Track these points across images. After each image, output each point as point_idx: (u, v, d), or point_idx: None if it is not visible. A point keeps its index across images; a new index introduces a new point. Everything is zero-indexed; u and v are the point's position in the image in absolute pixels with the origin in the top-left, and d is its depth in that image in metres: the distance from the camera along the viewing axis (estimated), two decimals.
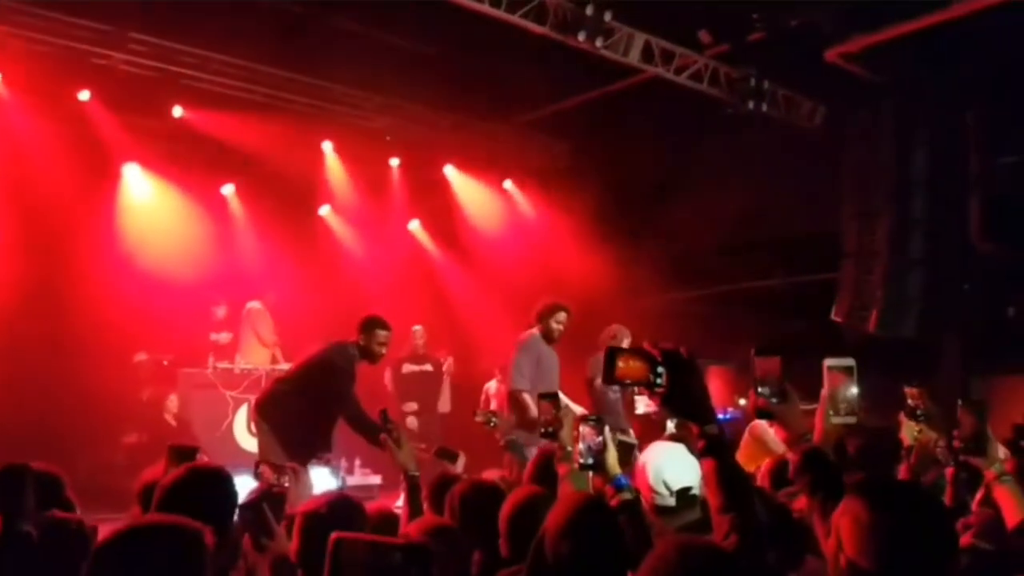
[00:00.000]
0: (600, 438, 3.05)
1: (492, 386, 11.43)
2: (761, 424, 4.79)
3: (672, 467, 3.33)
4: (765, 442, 4.74)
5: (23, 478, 2.90)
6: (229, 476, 2.99)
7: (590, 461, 3.03)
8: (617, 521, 2.60)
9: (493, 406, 11.34)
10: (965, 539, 3.08)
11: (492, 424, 6.44)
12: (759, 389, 2.86)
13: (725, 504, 2.03)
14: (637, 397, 7.87)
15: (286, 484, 4.04)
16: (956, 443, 3.20)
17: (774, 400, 2.86)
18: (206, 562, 2.08)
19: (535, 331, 7.34)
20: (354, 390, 6.38)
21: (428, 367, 10.97)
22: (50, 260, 9.63)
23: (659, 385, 2.07)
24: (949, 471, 3.89)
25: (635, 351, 2.11)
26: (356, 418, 6.34)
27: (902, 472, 4.53)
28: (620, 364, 2.09)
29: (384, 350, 6.56)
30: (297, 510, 2.99)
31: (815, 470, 2.66)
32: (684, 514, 3.26)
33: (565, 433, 3.30)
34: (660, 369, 2.06)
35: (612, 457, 3.04)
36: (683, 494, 3.30)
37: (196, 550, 2.08)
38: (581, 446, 3.07)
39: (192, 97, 10.04)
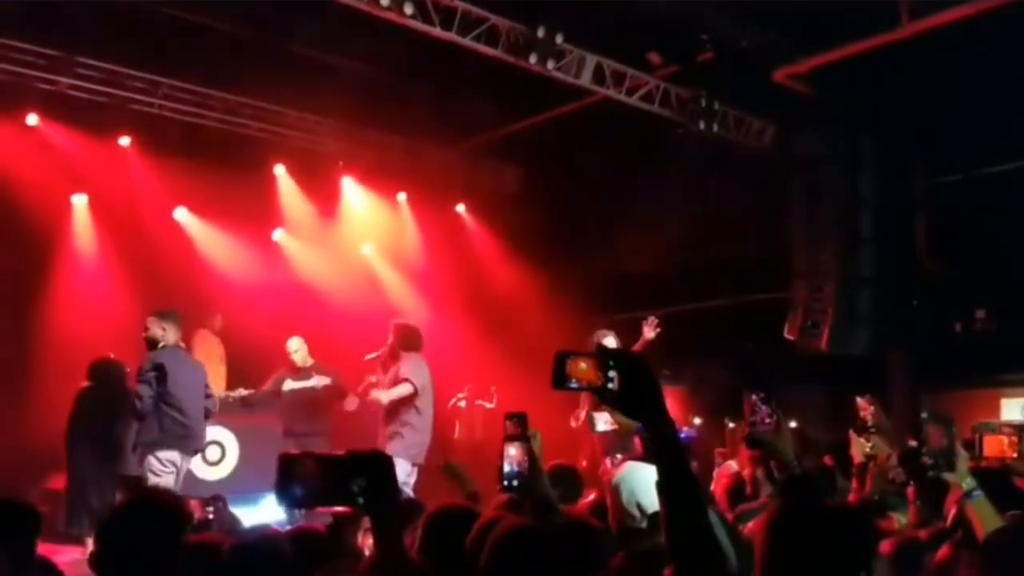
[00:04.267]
0: (527, 460, 2.97)
1: (462, 405, 11.49)
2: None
3: (647, 490, 3.12)
4: None
5: None
6: (171, 505, 2.92)
7: (515, 484, 2.93)
8: (549, 550, 2.52)
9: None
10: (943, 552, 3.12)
11: None
12: (754, 419, 2.85)
13: (673, 512, 1.95)
14: (596, 414, 7.92)
15: (210, 516, 4.03)
16: (925, 459, 3.23)
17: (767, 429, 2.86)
18: None
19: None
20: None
21: (313, 382, 9.02)
22: (2, 290, 9.48)
23: (610, 389, 1.97)
24: (910, 491, 3.91)
25: (585, 354, 2.00)
26: None
27: (854, 490, 4.59)
28: (569, 367, 1.99)
29: None
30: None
31: (798, 495, 2.67)
32: (653, 537, 3.14)
33: None
34: (612, 373, 1.97)
35: (543, 480, 2.96)
36: (655, 517, 3.03)
37: None
38: (507, 468, 2.97)
39: (142, 121, 9.93)
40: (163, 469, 6.96)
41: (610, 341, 7.90)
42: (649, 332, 8.10)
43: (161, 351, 7.17)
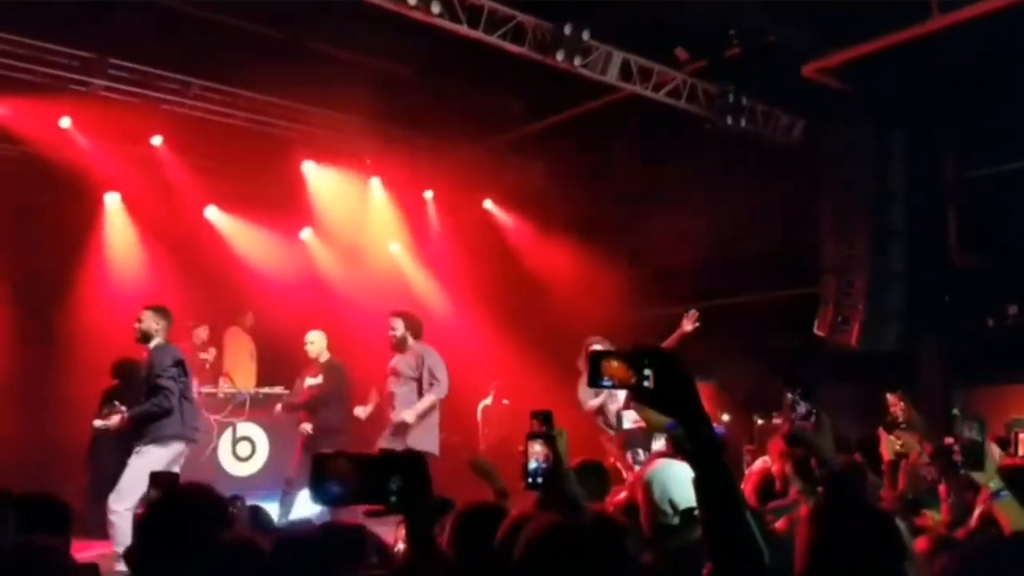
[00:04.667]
0: (550, 457, 2.96)
1: (489, 403, 11.52)
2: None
3: (679, 486, 3.19)
4: None
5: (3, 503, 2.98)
6: (210, 501, 2.92)
7: (539, 481, 2.92)
8: (580, 548, 2.50)
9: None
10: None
11: None
12: (793, 417, 2.85)
13: (711, 509, 1.95)
14: (624, 412, 7.92)
15: (234, 511, 4.06)
16: (957, 457, 3.24)
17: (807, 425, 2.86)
18: None
19: None
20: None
21: (319, 380, 8.65)
22: (35, 289, 9.63)
23: (645, 387, 1.97)
24: (942, 488, 3.90)
25: (620, 353, 2.02)
26: None
27: (886, 487, 4.57)
28: (605, 366, 2.00)
29: None
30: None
31: (837, 493, 2.67)
32: (685, 533, 3.14)
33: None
34: (647, 371, 1.97)
35: (569, 478, 2.94)
36: (687, 513, 3.16)
37: None
38: (531, 465, 2.96)
39: (173, 122, 10.03)
40: (173, 463, 6.95)
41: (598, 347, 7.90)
42: (688, 325, 8.10)
43: (169, 347, 7.19)
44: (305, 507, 7.82)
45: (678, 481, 3.18)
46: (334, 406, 8.57)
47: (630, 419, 7.87)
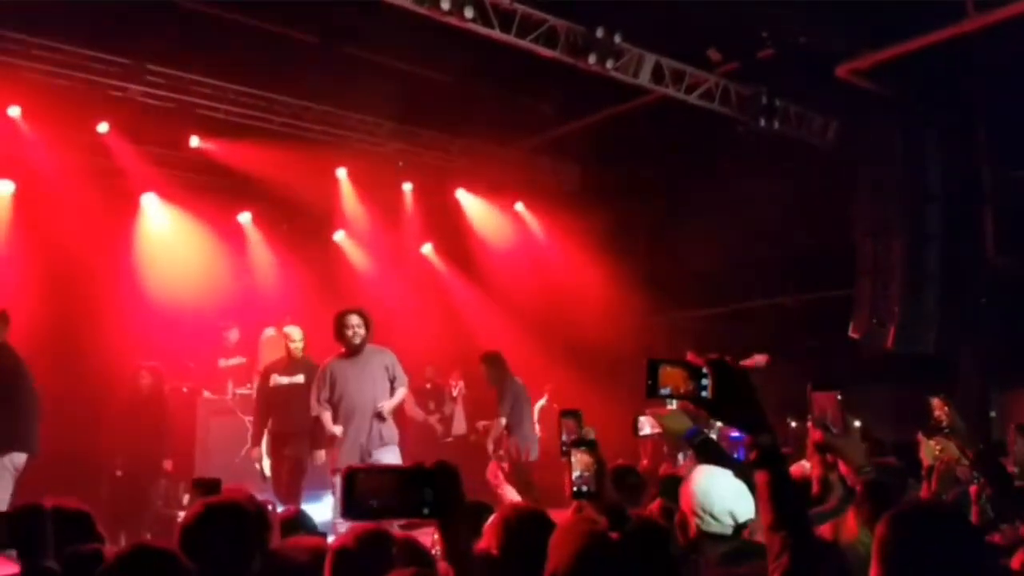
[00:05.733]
0: (594, 465, 2.92)
1: (544, 404, 11.46)
2: None
3: (737, 496, 3.12)
4: None
5: (39, 516, 2.97)
6: (246, 509, 2.87)
7: (584, 489, 2.89)
8: (624, 555, 2.39)
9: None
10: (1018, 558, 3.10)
11: None
12: (818, 423, 2.81)
13: (778, 520, 1.92)
14: (641, 419, 7.87)
15: None
16: (1012, 468, 3.21)
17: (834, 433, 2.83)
18: None
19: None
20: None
21: (300, 379, 8.28)
22: (70, 289, 9.71)
23: (704, 397, 1.95)
24: (973, 489, 3.89)
25: (676, 362, 1.97)
26: None
27: (923, 492, 4.53)
28: (662, 374, 1.95)
29: None
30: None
31: (877, 500, 2.64)
32: (730, 541, 3.09)
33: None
34: (705, 381, 1.95)
35: (608, 484, 2.92)
36: (741, 522, 3.09)
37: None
38: (576, 474, 2.91)
39: (208, 127, 10.13)
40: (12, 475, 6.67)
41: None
42: (761, 361, 8.23)
43: (8, 347, 6.86)
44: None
45: (734, 490, 3.14)
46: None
47: (648, 425, 7.83)
